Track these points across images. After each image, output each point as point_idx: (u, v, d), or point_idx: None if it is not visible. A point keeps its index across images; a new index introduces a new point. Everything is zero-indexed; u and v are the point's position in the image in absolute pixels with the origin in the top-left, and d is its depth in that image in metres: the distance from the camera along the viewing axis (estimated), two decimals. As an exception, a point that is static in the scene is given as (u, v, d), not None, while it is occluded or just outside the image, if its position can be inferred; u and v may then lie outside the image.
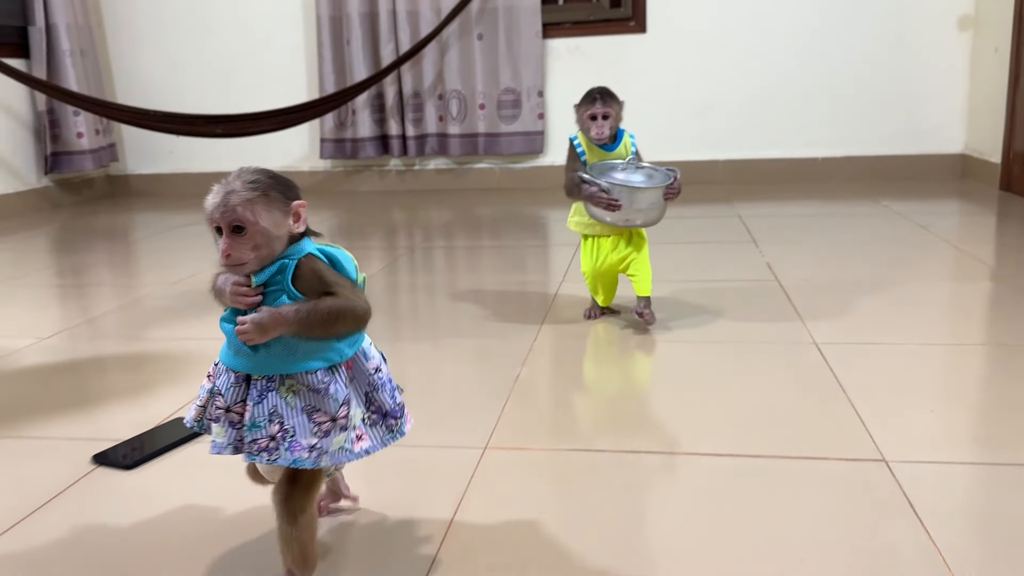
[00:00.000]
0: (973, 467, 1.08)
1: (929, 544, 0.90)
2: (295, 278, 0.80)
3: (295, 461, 0.80)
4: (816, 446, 1.14)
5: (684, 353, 1.57)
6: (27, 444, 1.28)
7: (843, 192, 3.30)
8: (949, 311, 1.78)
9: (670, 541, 0.94)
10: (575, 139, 1.69)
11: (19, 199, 3.66)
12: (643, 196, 1.59)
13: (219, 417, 0.82)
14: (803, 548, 0.91)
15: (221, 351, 0.84)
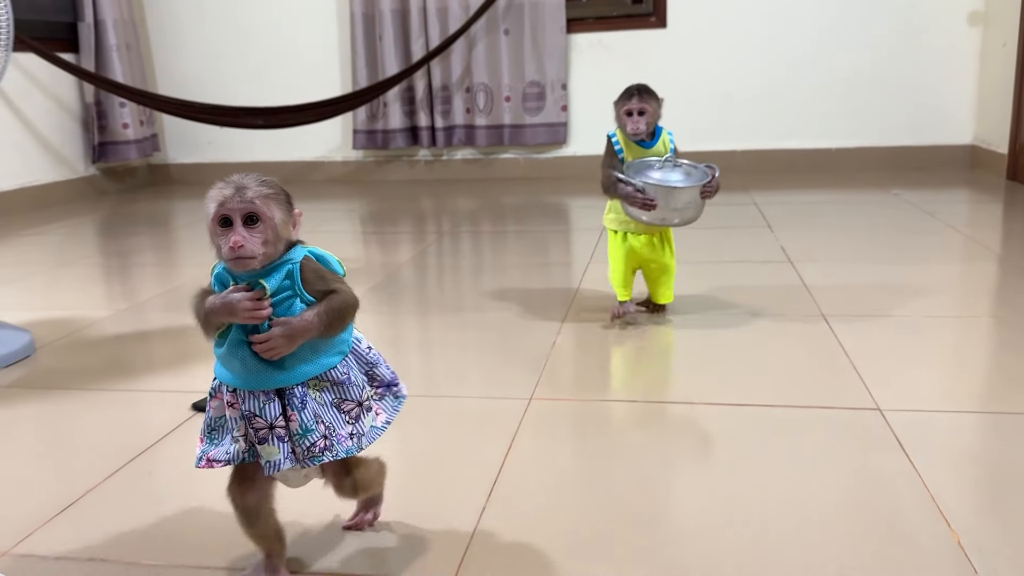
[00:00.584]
0: (959, 415, 1.24)
1: (913, 474, 1.06)
2: (301, 281, 0.81)
3: (347, 451, 0.84)
4: (818, 398, 1.30)
5: (701, 322, 1.73)
6: (137, 396, 1.46)
7: (856, 181, 3.44)
8: (951, 288, 1.93)
9: (693, 476, 1.11)
10: (613, 136, 1.66)
11: (68, 186, 3.86)
12: (679, 195, 1.56)
13: (266, 437, 0.82)
14: (805, 478, 1.07)
15: (233, 377, 0.82)
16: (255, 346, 0.79)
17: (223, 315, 0.79)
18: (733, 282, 2.01)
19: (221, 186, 0.78)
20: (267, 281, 0.79)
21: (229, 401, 0.82)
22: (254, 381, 0.81)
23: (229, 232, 0.77)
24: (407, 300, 2.04)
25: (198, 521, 1.03)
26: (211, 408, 0.85)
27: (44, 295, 2.21)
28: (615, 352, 1.63)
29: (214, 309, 0.79)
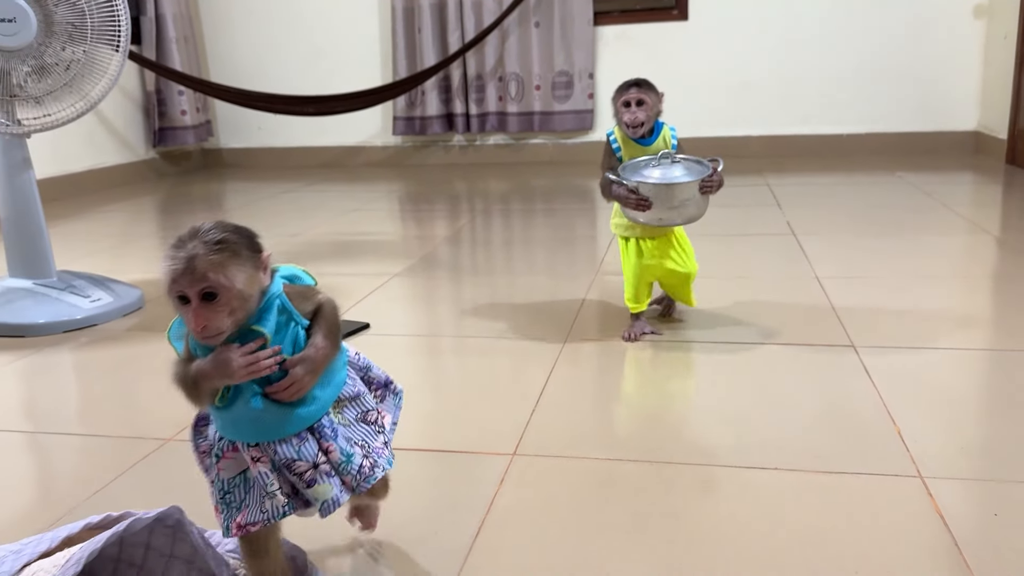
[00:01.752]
0: (923, 350, 1.49)
1: (874, 393, 1.32)
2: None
3: (389, 462, 0.82)
4: (801, 338, 1.57)
5: (705, 285, 1.99)
6: (229, 337, 1.76)
7: (864, 165, 3.67)
8: (939, 254, 2.17)
9: (697, 384, 1.38)
10: (611, 135, 1.59)
11: (130, 168, 4.19)
12: (675, 192, 1.46)
13: (313, 479, 0.76)
14: (785, 399, 1.34)
15: (253, 432, 0.75)
16: (278, 394, 0.74)
17: (218, 379, 0.72)
18: (740, 250, 2.27)
19: (173, 254, 0.70)
20: (262, 325, 0.73)
21: (255, 456, 0.75)
22: (281, 428, 0.75)
23: (188, 310, 0.70)
24: (445, 270, 2.32)
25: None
26: (220, 471, 0.78)
27: (132, 262, 2.52)
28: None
29: (205, 374, 0.72)
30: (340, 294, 2.02)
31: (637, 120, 1.51)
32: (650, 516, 1.01)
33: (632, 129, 1.53)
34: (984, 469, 1.08)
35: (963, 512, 0.98)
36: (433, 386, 1.48)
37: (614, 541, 0.96)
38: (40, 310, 1.82)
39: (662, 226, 1.55)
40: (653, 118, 1.55)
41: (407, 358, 1.63)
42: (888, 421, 1.22)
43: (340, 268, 2.32)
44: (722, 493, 1.05)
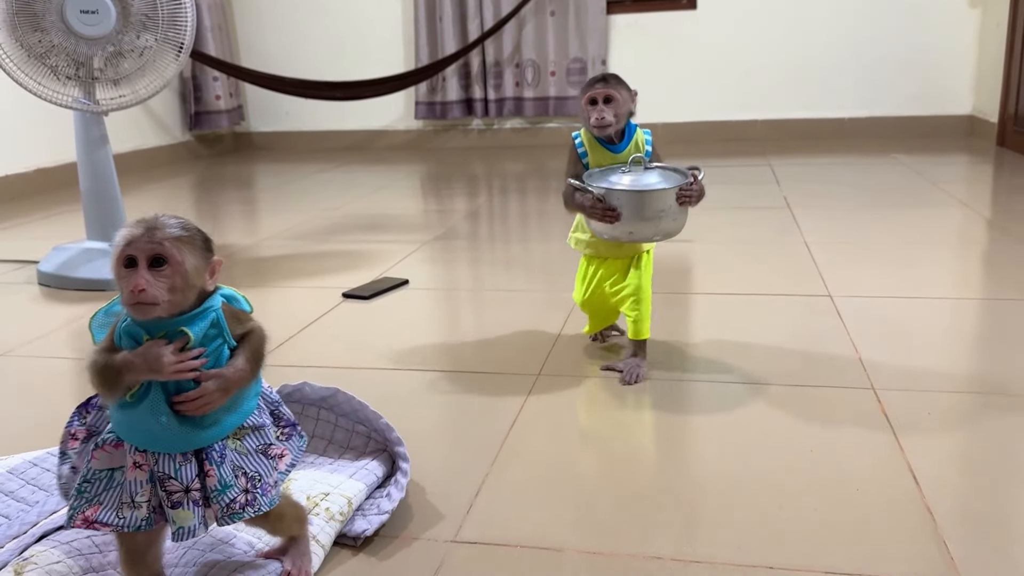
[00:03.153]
0: (891, 299, 1.72)
1: (843, 330, 1.55)
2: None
3: (271, 503, 0.78)
4: (783, 288, 1.80)
5: (703, 248, 2.22)
6: (297, 291, 2.01)
7: (863, 148, 3.87)
8: (920, 224, 2.38)
9: (692, 323, 1.62)
10: (577, 137, 1.38)
11: (168, 151, 4.44)
12: (648, 200, 1.26)
13: (180, 501, 0.74)
14: (762, 335, 1.57)
15: (148, 439, 0.74)
16: (184, 405, 0.72)
17: (142, 373, 0.71)
18: (737, 219, 2.49)
19: (132, 225, 0.71)
20: (190, 329, 0.72)
21: (137, 462, 0.74)
22: (178, 443, 0.73)
23: (133, 274, 0.70)
24: (468, 239, 2.55)
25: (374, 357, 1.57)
26: (93, 459, 0.75)
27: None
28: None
29: (131, 366, 0.71)
30: (380, 258, 2.26)
31: (604, 120, 1.30)
32: (659, 425, 1.24)
33: (599, 130, 1.31)
34: (925, 382, 1.31)
35: (904, 411, 1.21)
36: (463, 326, 1.72)
37: (620, 441, 1.19)
38: (117, 268, 2.07)
39: (632, 241, 1.33)
40: (624, 118, 1.33)
41: (441, 305, 1.87)
42: (852, 349, 1.45)
43: (377, 237, 2.56)
44: (708, 401, 1.29)
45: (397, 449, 1.04)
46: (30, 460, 1.08)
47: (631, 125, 1.37)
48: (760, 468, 1.08)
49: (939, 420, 1.19)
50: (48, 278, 2.10)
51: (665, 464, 1.11)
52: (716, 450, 1.13)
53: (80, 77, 1.98)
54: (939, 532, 0.92)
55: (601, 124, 1.31)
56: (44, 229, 2.84)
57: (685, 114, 4.32)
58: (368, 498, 1.00)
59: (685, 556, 0.90)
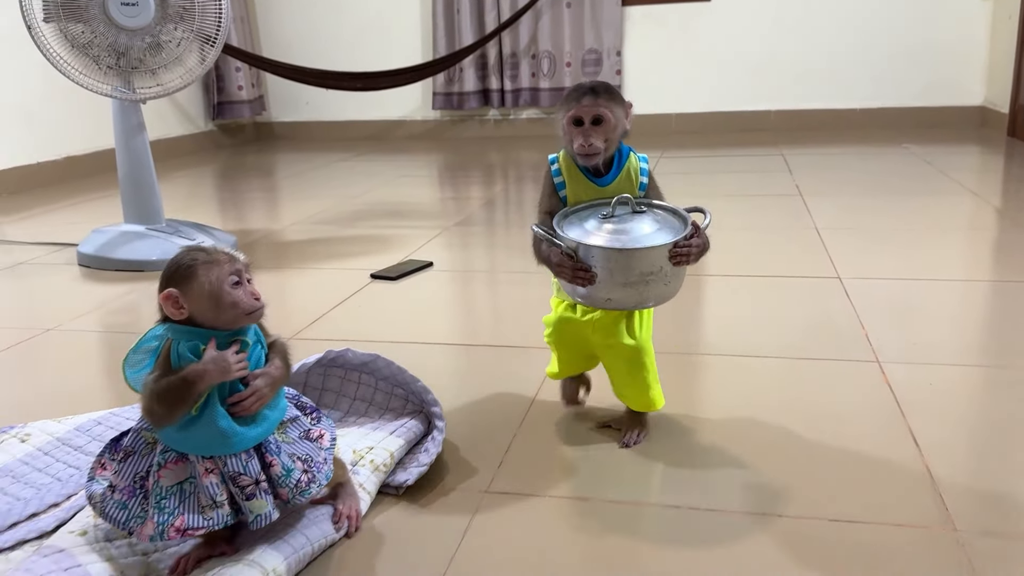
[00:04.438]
0: (899, 280, 1.79)
1: (850, 309, 1.63)
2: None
3: (327, 476, 0.90)
4: (792, 270, 1.87)
5: (714, 233, 2.28)
6: (327, 272, 2.09)
7: (875, 138, 3.92)
8: (929, 211, 2.44)
9: (706, 296, 1.69)
10: (554, 162, 1.10)
11: (192, 140, 4.54)
12: (633, 261, 0.99)
13: (253, 493, 0.84)
14: (771, 314, 1.64)
15: (214, 444, 0.83)
16: (238, 405, 0.83)
17: (214, 376, 0.80)
18: (749, 207, 2.56)
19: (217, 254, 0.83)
20: (246, 336, 0.84)
21: (208, 468, 0.83)
22: (240, 442, 0.83)
23: (240, 288, 0.82)
24: (486, 224, 2.63)
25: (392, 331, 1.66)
26: (161, 479, 0.84)
27: (208, 218, 2.86)
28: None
29: (204, 372, 0.80)
30: (403, 242, 2.35)
31: (592, 148, 1.02)
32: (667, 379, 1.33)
33: (584, 159, 1.04)
34: (929, 357, 1.38)
35: (907, 382, 1.28)
36: (486, 304, 1.80)
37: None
38: (154, 249, 2.16)
39: (610, 310, 1.06)
40: (615, 143, 1.05)
41: (464, 286, 1.95)
42: (858, 326, 1.53)
43: (399, 222, 2.64)
44: (723, 373, 1.37)
45: (433, 409, 1.12)
46: (95, 419, 1.18)
47: (624, 149, 1.07)
48: (769, 431, 1.15)
49: (941, 390, 1.26)
50: (88, 259, 2.20)
51: (685, 407, 1.18)
52: (725, 411, 1.21)
53: (120, 67, 2.07)
54: (936, 487, 1.00)
55: (588, 153, 1.02)
56: (77, 215, 2.94)
57: (699, 105, 4.38)
58: (407, 453, 1.08)
59: (700, 505, 0.98)
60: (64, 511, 0.98)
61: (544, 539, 0.93)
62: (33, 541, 0.94)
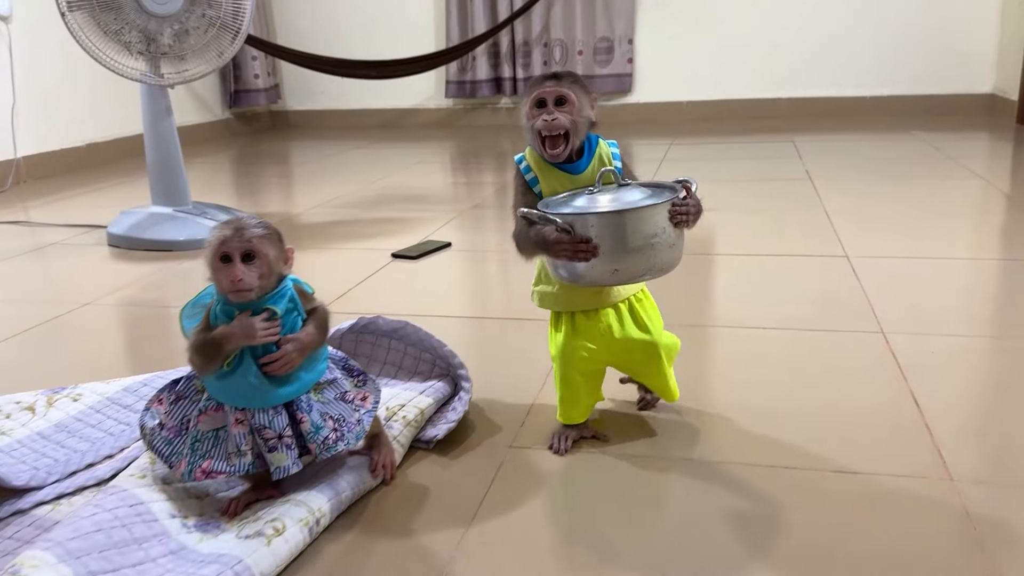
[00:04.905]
0: (906, 259, 1.84)
1: (857, 285, 1.68)
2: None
3: (357, 436, 0.96)
4: (801, 249, 1.93)
5: (723, 216, 2.34)
6: (348, 252, 2.16)
7: (884, 125, 3.96)
8: (936, 195, 2.49)
9: (716, 276, 1.75)
10: (521, 161, 1.06)
11: (209, 127, 4.61)
12: (635, 223, 0.93)
13: (275, 446, 0.91)
14: (778, 289, 1.70)
15: (245, 398, 0.90)
16: (270, 365, 0.89)
17: (241, 339, 0.87)
18: (759, 191, 2.62)
19: (222, 227, 0.88)
20: (274, 304, 0.89)
21: (238, 419, 0.90)
22: (268, 399, 0.90)
23: (229, 267, 0.86)
24: (500, 208, 2.69)
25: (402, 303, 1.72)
26: (200, 423, 0.92)
27: (228, 202, 2.93)
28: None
29: (231, 335, 0.87)
30: (421, 225, 2.41)
31: (557, 125, 0.97)
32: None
33: (549, 141, 0.99)
34: (932, 328, 1.44)
35: (910, 350, 1.34)
36: (503, 281, 1.86)
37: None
38: (181, 230, 2.23)
39: (617, 284, 1.00)
40: (583, 129, 1.01)
41: (481, 265, 2.02)
42: (864, 300, 1.59)
43: (415, 206, 2.71)
44: (734, 342, 1.43)
45: (459, 372, 1.19)
46: (141, 380, 1.25)
47: (592, 137, 1.04)
48: (778, 394, 1.22)
49: (943, 358, 1.32)
50: (118, 239, 2.28)
51: (697, 374, 1.25)
52: (737, 377, 1.27)
53: (150, 52, 2.14)
54: (935, 443, 1.06)
55: (552, 131, 0.97)
56: (101, 199, 3.02)
57: (710, 92, 4.42)
58: (436, 412, 1.15)
59: (714, 458, 1.05)
60: (119, 461, 1.05)
61: (566, 489, 1.00)
62: (92, 488, 1.01)
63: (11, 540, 0.91)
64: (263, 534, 0.84)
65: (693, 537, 0.89)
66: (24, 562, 0.73)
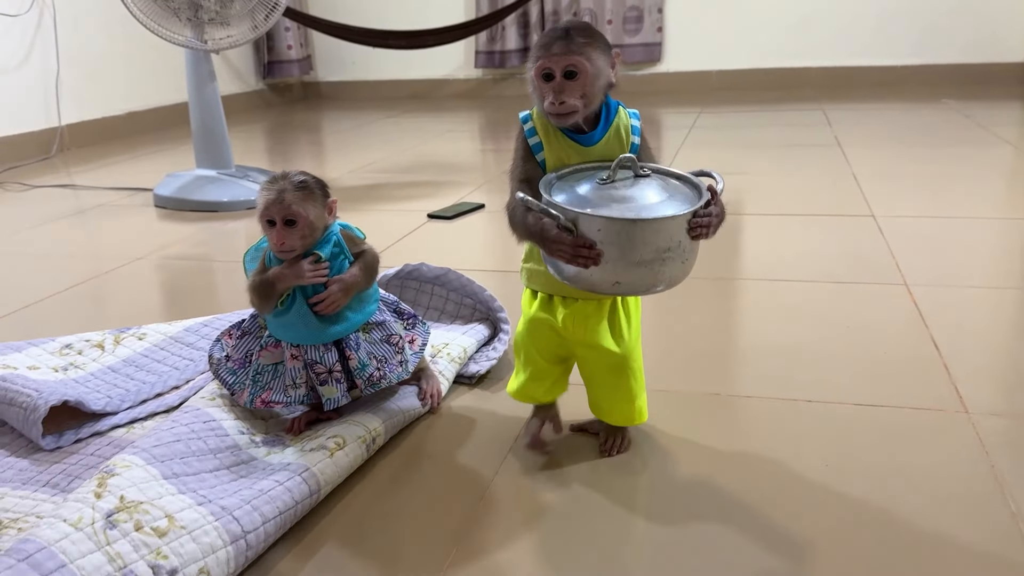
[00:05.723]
0: (931, 219, 1.88)
1: (882, 242, 1.73)
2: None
3: (398, 376, 1.03)
4: (829, 210, 1.97)
5: (751, 179, 2.38)
6: (386, 213, 2.24)
7: (915, 95, 3.95)
8: (963, 160, 2.51)
9: (743, 243, 1.80)
10: (526, 120, 0.91)
11: (244, 98, 4.69)
12: (647, 235, 0.80)
13: (325, 380, 0.98)
14: (805, 246, 1.75)
15: (297, 336, 0.98)
16: (318, 305, 0.95)
17: (291, 280, 0.94)
18: (791, 156, 2.65)
19: (268, 187, 0.94)
20: (320, 250, 0.96)
21: (293, 354, 0.98)
22: (319, 336, 0.97)
23: (273, 230, 0.94)
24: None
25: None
26: (260, 357, 1.01)
27: (268, 167, 3.01)
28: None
29: (282, 276, 0.94)
30: (453, 188, 2.48)
31: (565, 108, 0.84)
32: (709, 290, 1.45)
33: (557, 119, 0.86)
34: (955, 281, 1.48)
35: (932, 300, 1.39)
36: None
37: (676, 319, 1.40)
38: (226, 192, 2.32)
39: (616, 295, 0.90)
40: (597, 97, 0.87)
41: (516, 226, 2.08)
42: (889, 256, 1.63)
43: (447, 172, 2.78)
44: (761, 294, 1.49)
45: (499, 315, 1.26)
46: (201, 322, 1.33)
47: (611, 103, 0.90)
48: (802, 337, 1.28)
49: (963, 306, 1.37)
50: (165, 200, 2.37)
51: (726, 320, 1.31)
52: (763, 324, 1.33)
53: (197, 19, 2.21)
54: (952, 379, 1.11)
55: (560, 113, 0.84)
56: (143, 164, 3.11)
57: (740, 62, 4.42)
58: (477, 351, 1.22)
59: (740, 393, 1.11)
60: (186, 390, 1.14)
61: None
62: (161, 414, 1.10)
63: (92, 456, 1.00)
64: (325, 448, 0.92)
65: (718, 463, 0.96)
66: (117, 463, 0.81)
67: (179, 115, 3.96)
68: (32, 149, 3.34)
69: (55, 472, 0.97)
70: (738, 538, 0.82)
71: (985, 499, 0.86)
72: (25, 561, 0.66)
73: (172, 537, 0.73)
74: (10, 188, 2.75)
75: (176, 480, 0.81)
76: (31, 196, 2.63)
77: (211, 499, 0.80)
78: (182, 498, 0.78)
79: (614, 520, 0.86)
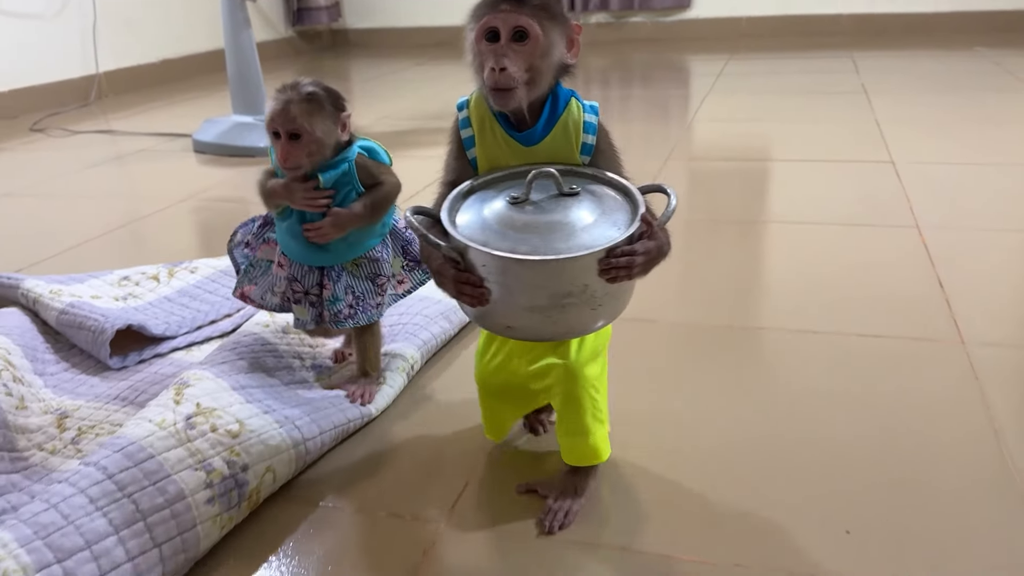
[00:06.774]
0: (948, 165, 1.91)
1: (899, 187, 1.77)
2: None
3: (369, 318, 0.96)
4: (849, 156, 2.01)
5: (772, 126, 2.41)
6: (417, 160, 2.30)
7: (947, 42, 3.90)
8: (989, 105, 2.51)
9: (765, 189, 1.86)
10: (462, 107, 0.78)
11: (274, 45, 4.74)
12: (538, 276, 0.68)
13: (299, 300, 0.96)
14: (823, 191, 1.80)
15: (288, 247, 0.95)
16: (308, 233, 0.92)
17: (282, 197, 0.91)
18: (816, 103, 2.67)
19: (277, 95, 0.88)
20: (323, 176, 0.90)
21: (280, 263, 0.96)
22: (303, 257, 0.95)
23: (278, 144, 0.88)
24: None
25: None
26: (260, 251, 1.00)
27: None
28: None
29: (275, 191, 0.91)
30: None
31: (505, 78, 0.70)
32: (715, 255, 1.51)
33: (495, 97, 0.71)
34: (967, 223, 1.54)
35: (941, 241, 1.45)
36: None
37: (700, 276, 1.47)
38: (263, 138, 2.40)
39: (515, 339, 0.77)
40: (545, 76, 0.73)
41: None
42: (904, 200, 1.68)
43: (476, 117, 2.83)
44: (778, 234, 1.55)
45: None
46: (247, 256, 1.43)
47: (562, 92, 0.76)
48: (813, 275, 1.34)
49: (971, 247, 1.43)
50: (204, 146, 2.46)
51: (742, 259, 1.38)
52: (777, 262, 1.40)
53: (231, -34, 2.27)
54: (952, 314, 1.18)
55: (498, 85, 0.70)
56: (178, 111, 3.20)
57: (770, 8, 4.38)
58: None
59: (750, 324, 1.18)
60: (239, 317, 1.24)
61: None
62: (217, 338, 1.20)
63: (155, 374, 1.11)
64: (370, 374, 1.01)
65: (728, 380, 1.04)
66: (190, 376, 0.91)
67: (212, 63, 4.03)
68: (71, 96, 3.44)
69: (122, 388, 1.08)
70: (743, 458, 0.91)
71: (972, 419, 0.93)
72: (120, 452, 0.76)
73: (243, 439, 0.83)
74: (53, 134, 2.86)
75: (243, 391, 0.91)
76: (73, 141, 2.73)
77: (275, 408, 0.89)
78: (249, 407, 0.88)
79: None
